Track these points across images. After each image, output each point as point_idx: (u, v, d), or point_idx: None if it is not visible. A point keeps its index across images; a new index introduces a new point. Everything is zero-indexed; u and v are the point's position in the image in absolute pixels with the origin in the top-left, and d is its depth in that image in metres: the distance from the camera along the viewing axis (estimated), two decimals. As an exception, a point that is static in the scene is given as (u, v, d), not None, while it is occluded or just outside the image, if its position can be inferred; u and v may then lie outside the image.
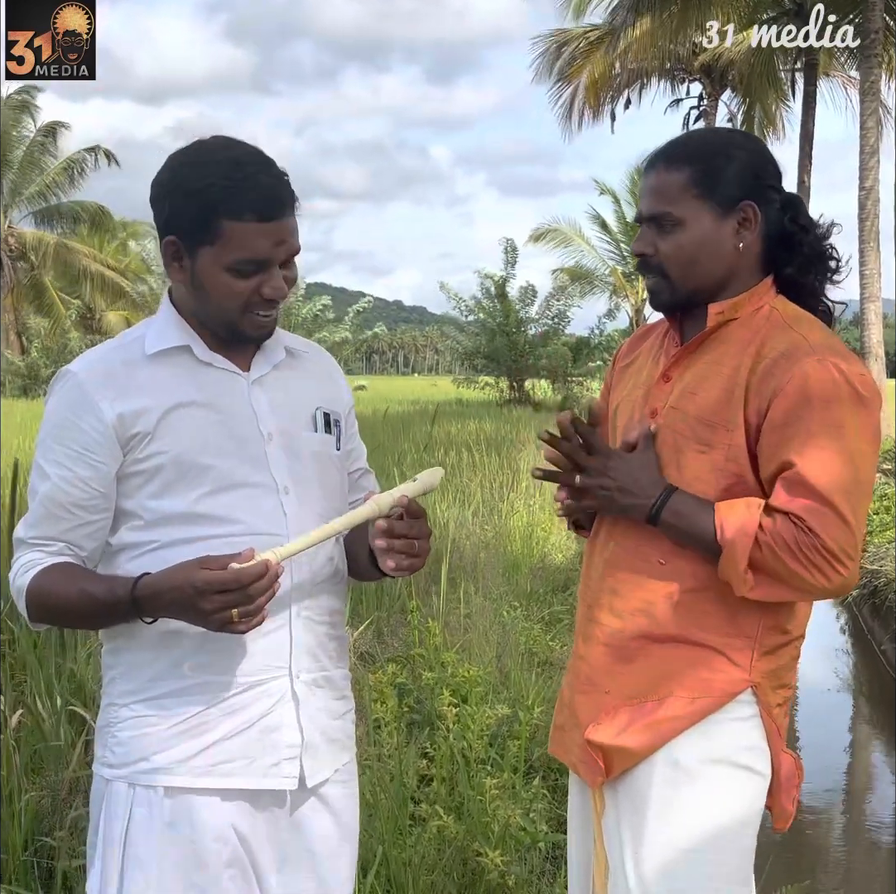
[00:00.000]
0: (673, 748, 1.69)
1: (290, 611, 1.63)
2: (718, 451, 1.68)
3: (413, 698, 4.01)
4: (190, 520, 1.58)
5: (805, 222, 1.76)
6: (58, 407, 1.62)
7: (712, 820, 1.69)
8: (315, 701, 1.67)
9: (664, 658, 1.71)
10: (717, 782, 1.69)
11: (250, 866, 1.64)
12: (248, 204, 1.52)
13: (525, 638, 4.98)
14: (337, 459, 1.76)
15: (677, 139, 1.79)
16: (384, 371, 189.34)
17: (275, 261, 1.57)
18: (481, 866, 2.83)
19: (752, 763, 1.71)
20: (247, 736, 1.60)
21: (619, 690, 1.74)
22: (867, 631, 7.11)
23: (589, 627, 1.82)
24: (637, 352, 1.94)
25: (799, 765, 1.79)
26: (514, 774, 3.41)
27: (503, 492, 9.25)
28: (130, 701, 1.63)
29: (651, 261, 1.75)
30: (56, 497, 1.59)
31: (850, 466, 1.61)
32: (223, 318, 1.61)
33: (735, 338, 1.71)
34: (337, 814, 1.73)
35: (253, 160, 1.56)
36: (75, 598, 1.55)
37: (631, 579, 1.74)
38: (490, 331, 24.98)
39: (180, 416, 1.59)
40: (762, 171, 1.74)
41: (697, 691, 1.69)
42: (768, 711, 1.71)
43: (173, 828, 1.59)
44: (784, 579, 1.62)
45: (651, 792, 1.70)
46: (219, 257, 1.55)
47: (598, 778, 1.75)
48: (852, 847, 4.06)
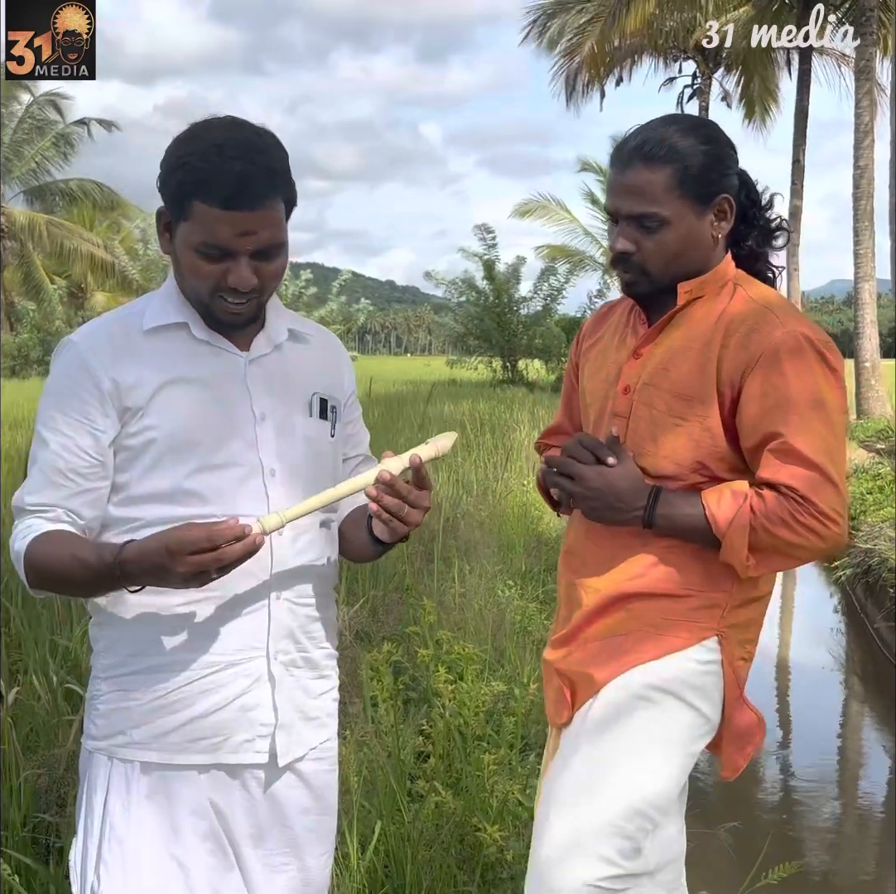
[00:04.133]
0: (627, 674, 1.78)
1: (270, 594, 1.63)
2: (693, 424, 1.75)
3: (409, 676, 4.02)
4: (174, 498, 1.58)
5: (755, 197, 1.86)
6: (58, 375, 1.63)
7: (639, 742, 1.77)
8: (292, 682, 1.68)
9: (639, 603, 1.80)
10: (655, 708, 1.77)
11: (227, 840, 1.66)
12: (215, 190, 1.50)
13: (520, 616, 4.99)
14: (330, 446, 1.75)
15: (647, 135, 1.79)
16: (376, 351, 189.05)
17: (238, 251, 1.54)
18: (479, 841, 2.84)
19: (697, 703, 1.79)
20: (223, 715, 1.62)
21: (595, 636, 1.83)
22: (860, 610, 7.14)
23: (572, 590, 1.89)
24: (601, 331, 1.99)
25: (761, 726, 1.87)
26: (511, 750, 3.42)
27: (497, 472, 9.25)
28: (111, 674, 1.65)
29: (632, 259, 1.79)
30: (55, 464, 1.59)
31: (830, 430, 1.70)
32: (196, 298, 1.61)
33: (702, 314, 1.79)
34: (315, 790, 1.75)
35: (238, 146, 1.52)
36: (67, 563, 1.55)
37: (610, 541, 1.82)
38: (477, 313, 24.89)
39: (173, 393, 1.59)
40: (729, 159, 1.81)
41: (665, 631, 1.77)
42: (730, 661, 1.80)
43: (150, 802, 1.62)
44: (783, 552, 1.70)
45: (593, 712, 1.79)
46: (188, 235, 1.55)
47: (564, 711, 1.85)
48: (845, 825, 4.09)
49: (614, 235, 1.81)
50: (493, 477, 9.04)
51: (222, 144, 1.52)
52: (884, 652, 6.19)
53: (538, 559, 6.60)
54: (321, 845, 1.79)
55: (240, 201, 1.50)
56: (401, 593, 5.35)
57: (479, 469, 9.23)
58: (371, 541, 1.71)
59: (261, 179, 1.52)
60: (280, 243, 1.58)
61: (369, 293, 48.95)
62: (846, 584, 7.53)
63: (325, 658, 1.76)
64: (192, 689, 1.61)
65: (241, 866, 1.68)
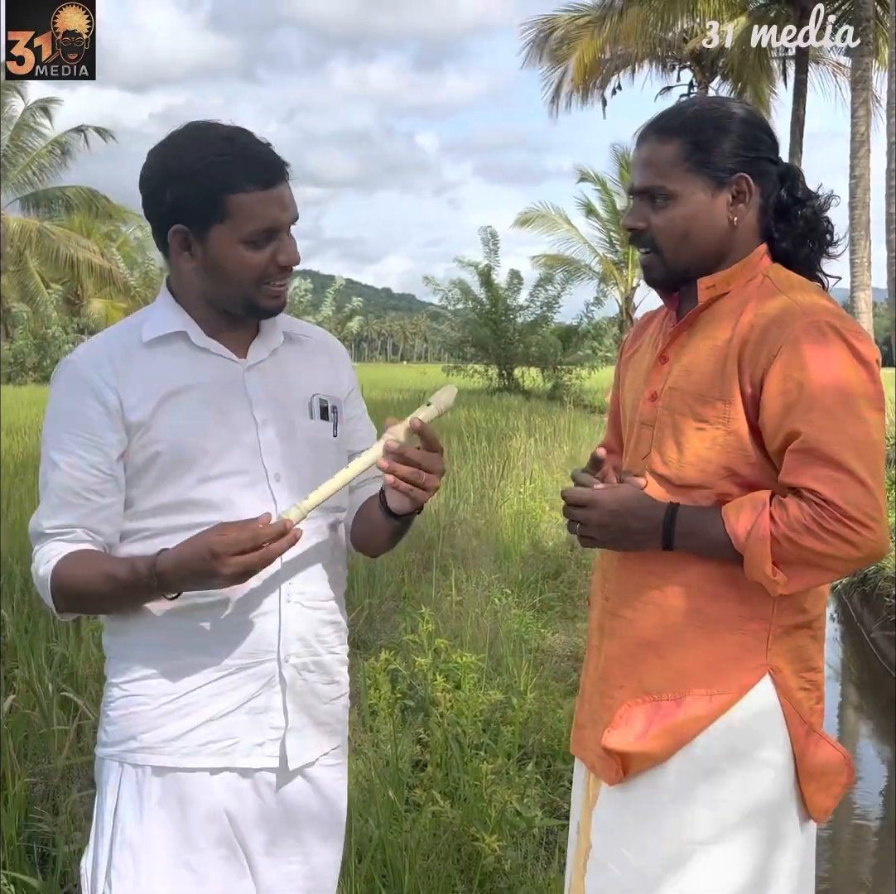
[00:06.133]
0: (690, 744, 1.64)
1: (280, 596, 1.63)
2: (717, 426, 1.63)
3: (406, 684, 4.02)
4: (181, 508, 1.59)
5: (801, 194, 1.71)
6: (61, 396, 1.63)
7: (725, 817, 1.64)
8: (303, 686, 1.67)
9: (678, 649, 1.66)
10: (732, 778, 1.64)
11: (240, 847, 1.65)
12: (249, 175, 1.54)
13: (517, 625, 4.99)
14: (333, 446, 1.75)
15: (670, 109, 1.73)
16: (372, 359, 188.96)
17: (285, 226, 1.59)
18: (477, 851, 2.83)
19: (769, 755, 1.65)
20: (234, 718, 1.62)
21: (632, 685, 1.69)
22: (857, 618, 7.13)
23: (606, 619, 1.77)
24: (640, 340, 1.90)
25: (848, 764, 1.70)
26: (508, 760, 3.42)
27: (494, 480, 9.25)
28: (122, 680, 1.64)
29: (643, 236, 1.71)
30: (68, 484, 1.59)
31: (859, 425, 1.53)
32: (240, 294, 1.61)
33: (727, 310, 1.67)
34: (326, 798, 1.74)
35: (239, 133, 1.59)
36: (98, 582, 1.55)
37: (641, 567, 1.70)
38: (473, 321, 24.92)
39: (175, 404, 1.60)
40: (757, 142, 1.68)
41: (715, 687, 1.63)
42: (788, 696, 1.64)
43: (162, 807, 1.61)
44: (815, 563, 1.55)
45: (666, 785, 1.65)
46: (232, 232, 1.56)
47: (613, 777, 1.70)
48: (841, 832, 4.08)
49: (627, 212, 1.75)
50: (490, 485, 9.03)
51: (229, 137, 1.57)
52: (880, 660, 6.19)
53: (535, 567, 6.59)
54: (331, 853, 1.77)
55: (273, 176, 1.57)
56: (398, 601, 5.35)
57: (475, 477, 9.23)
58: (385, 516, 1.67)
59: (274, 153, 1.60)
60: (298, 216, 1.63)
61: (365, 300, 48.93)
62: (842, 593, 7.52)
63: (336, 663, 1.75)
64: (203, 693, 1.60)
65: (253, 873, 1.67)
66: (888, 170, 11.38)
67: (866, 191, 15.10)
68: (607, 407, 2.10)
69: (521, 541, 7.16)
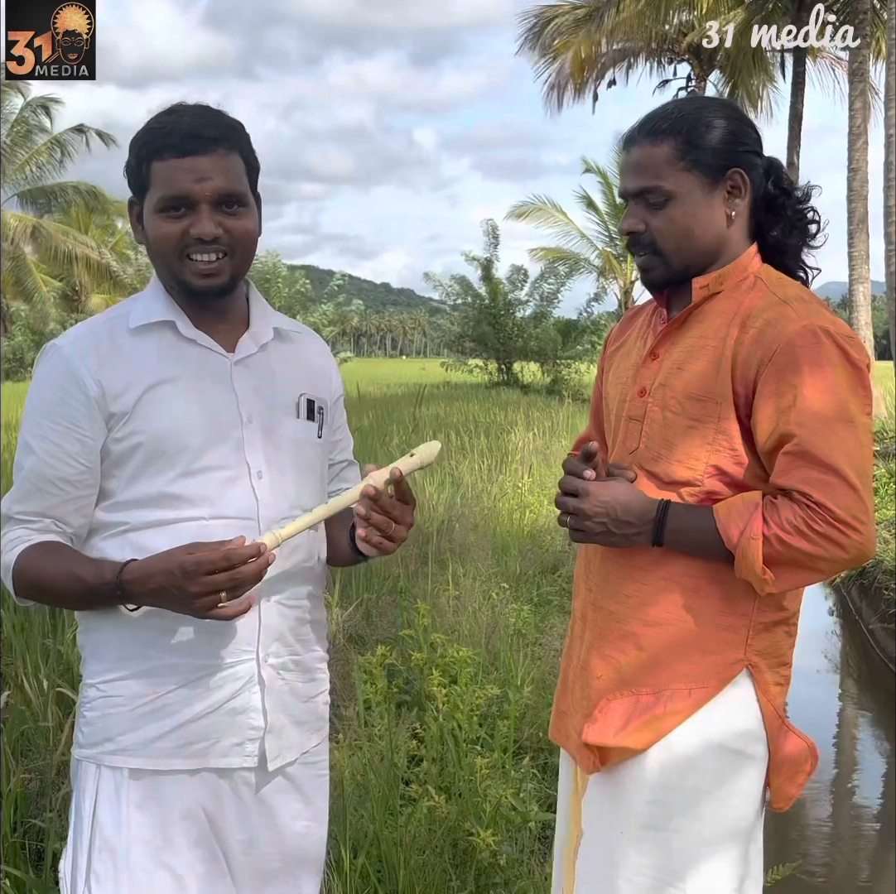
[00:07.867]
0: (669, 736, 1.67)
1: (260, 596, 1.61)
2: (708, 426, 1.64)
3: (402, 679, 4.01)
4: (161, 502, 1.56)
5: (786, 185, 1.75)
6: (43, 381, 1.60)
7: (706, 806, 1.67)
8: (282, 685, 1.66)
9: (657, 642, 1.68)
10: (710, 769, 1.67)
11: (218, 846, 1.64)
12: (167, 144, 1.53)
13: (514, 619, 4.98)
14: (318, 447, 1.73)
15: (654, 112, 1.75)
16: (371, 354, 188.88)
17: (198, 198, 1.54)
18: (472, 845, 2.83)
19: (746, 746, 1.68)
20: (212, 719, 1.60)
21: (612, 676, 1.72)
22: (855, 612, 7.13)
23: (589, 610, 1.79)
24: (626, 334, 1.91)
25: (813, 752, 1.74)
26: (504, 754, 3.41)
27: (492, 474, 9.25)
28: (97, 681, 1.62)
29: (642, 239, 1.72)
30: (43, 471, 1.57)
31: (850, 429, 1.56)
32: (168, 270, 1.60)
33: (720, 310, 1.69)
34: (306, 796, 1.73)
35: (190, 107, 1.58)
36: (62, 579, 1.54)
37: (624, 561, 1.72)
38: (474, 316, 24.90)
39: (159, 395, 1.57)
40: (743, 136, 1.71)
41: (694, 681, 1.66)
42: (764, 691, 1.68)
43: (140, 810, 1.59)
44: (803, 564, 1.57)
45: (645, 776, 1.68)
46: (151, 201, 1.56)
47: (591, 767, 1.73)
48: (841, 826, 4.08)
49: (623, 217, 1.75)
50: (488, 479, 9.03)
51: (174, 109, 1.58)
52: (879, 654, 6.19)
53: (532, 562, 6.59)
54: (311, 851, 1.76)
55: (192, 145, 1.53)
56: (395, 596, 5.34)
57: (473, 471, 9.22)
58: (352, 551, 1.71)
59: (211, 128, 1.56)
60: (240, 194, 1.58)
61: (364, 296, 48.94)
62: (841, 587, 7.53)
63: (315, 661, 1.74)
64: (181, 694, 1.58)
65: (233, 873, 1.66)
66: (886, 162, 11.37)
67: (863, 183, 15.10)
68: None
69: (519, 535, 7.16)
